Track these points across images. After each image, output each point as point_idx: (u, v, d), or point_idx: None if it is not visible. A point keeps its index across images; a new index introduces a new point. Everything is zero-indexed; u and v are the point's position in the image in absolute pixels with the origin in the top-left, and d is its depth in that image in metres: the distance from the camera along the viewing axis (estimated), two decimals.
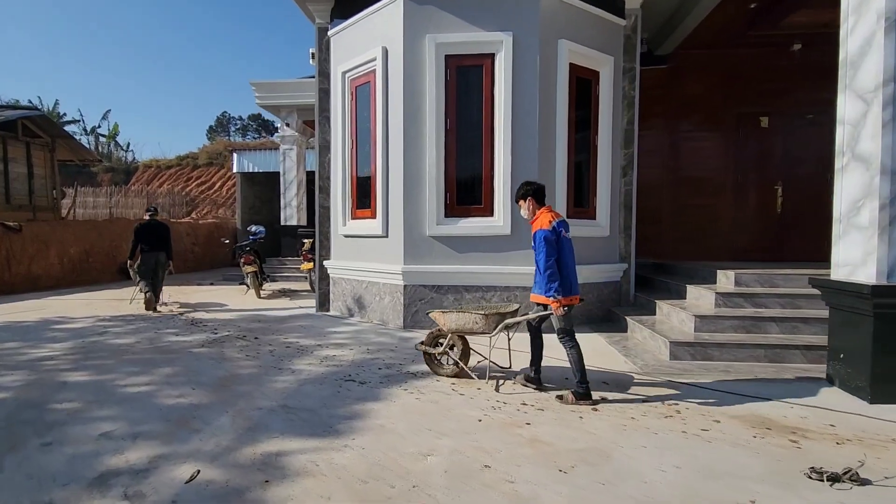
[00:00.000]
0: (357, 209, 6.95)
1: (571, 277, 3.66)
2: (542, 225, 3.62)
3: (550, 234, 3.56)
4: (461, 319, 4.05)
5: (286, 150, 13.30)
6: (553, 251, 3.55)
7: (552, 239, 3.56)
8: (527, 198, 3.86)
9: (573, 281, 3.68)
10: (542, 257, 3.56)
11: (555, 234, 3.59)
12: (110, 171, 35.09)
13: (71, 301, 8.78)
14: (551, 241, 3.55)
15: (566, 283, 3.60)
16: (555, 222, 3.63)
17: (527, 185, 3.90)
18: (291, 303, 8.49)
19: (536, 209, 3.82)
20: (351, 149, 6.98)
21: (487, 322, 3.96)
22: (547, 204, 3.90)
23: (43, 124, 13.12)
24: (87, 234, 12.64)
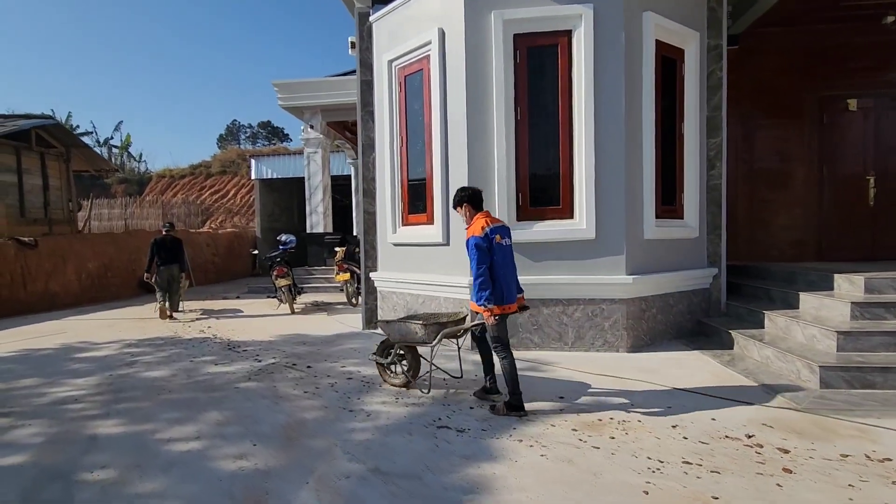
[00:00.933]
0: (409, 214, 6.17)
1: (507, 285, 3.56)
2: (474, 231, 3.54)
3: (482, 241, 3.47)
4: (403, 329, 4.01)
5: (310, 154, 12.60)
6: (484, 258, 3.46)
7: (483, 246, 3.47)
8: (462, 204, 3.78)
9: (509, 288, 3.57)
10: (473, 265, 3.48)
11: (487, 240, 3.49)
12: (124, 183, 34.88)
13: (92, 322, 8.11)
14: (482, 248, 3.46)
15: (500, 292, 3.50)
16: (488, 228, 3.52)
17: (462, 190, 3.84)
18: (331, 319, 7.73)
19: (473, 215, 3.71)
20: (400, 147, 6.21)
21: (427, 332, 3.88)
22: (486, 209, 3.81)
23: (57, 133, 12.55)
24: (106, 247, 12.03)
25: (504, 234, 3.63)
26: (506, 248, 3.61)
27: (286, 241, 9.26)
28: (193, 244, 15.67)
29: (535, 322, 5.30)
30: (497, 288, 3.50)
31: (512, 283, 3.63)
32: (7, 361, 5.47)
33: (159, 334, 6.79)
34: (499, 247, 3.53)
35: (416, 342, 4.02)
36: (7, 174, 11.36)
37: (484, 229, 3.53)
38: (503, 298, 3.54)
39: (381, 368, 4.32)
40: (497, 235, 3.55)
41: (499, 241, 3.54)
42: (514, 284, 3.68)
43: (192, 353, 5.63)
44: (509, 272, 3.61)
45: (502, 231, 3.63)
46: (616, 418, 3.39)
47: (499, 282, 3.51)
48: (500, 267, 3.53)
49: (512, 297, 3.62)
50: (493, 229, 3.55)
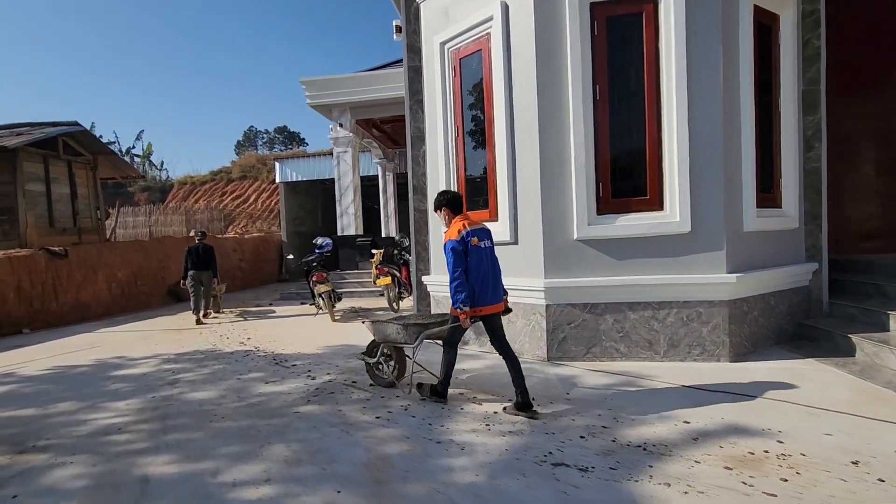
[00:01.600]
0: (469, 211, 5.57)
1: (483, 287, 3.52)
2: (451, 235, 3.55)
3: (458, 245, 3.47)
4: (386, 330, 4.08)
5: (340, 154, 12.13)
6: (460, 261, 3.46)
7: (459, 249, 3.47)
8: (441, 207, 3.79)
9: (484, 291, 3.53)
10: (449, 268, 3.48)
11: (462, 243, 3.48)
12: (146, 190, 35.16)
13: (125, 334, 7.73)
14: (458, 252, 3.47)
15: (475, 294, 3.49)
16: (464, 231, 3.52)
17: (441, 194, 3.84)
18: None
19: (451, 218, 3.70)
20: (456, 137, 5.64)
21: (407, 333, 3.92)
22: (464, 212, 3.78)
23: (84, 141, 12.31)
24: (134, 255, 11.74)
25: (482, 236, 3.61)
26: (484, 251, 3.57)
27: (322, 244, 8.77)
28: (220, 250, 15.35)
29: (621, 329, 4.67)
30: (471, 290, 3.47)
31: (490, 285, 3.57)
32: (42, 381, 5.06)
33: (197, 347, 6.33)
34: (475, 249, 3.51)
35: (398, 343, 4.06)
36: (35, 183, 11.13)
37: (460, 232, 3.51)
38: (476, 300, 3.50)
39: (369, 368, 4.36)
40: (474, 238, 3.53)
41: (476, 244, 3.52)
42: (493, 287, 3.61)
43: (236, 368, 5.14)
44: (487, 275, 3.56)
45: (480, 233, 3.60)
46: (771, 451, 2.75)
47: (472, 285, 3.48)
48: (475, 269, 3.50)
49: (488, 300, 3.55)
50: (470, 232, 3.53)
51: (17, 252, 9.23)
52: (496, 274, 3.67)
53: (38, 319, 9.03)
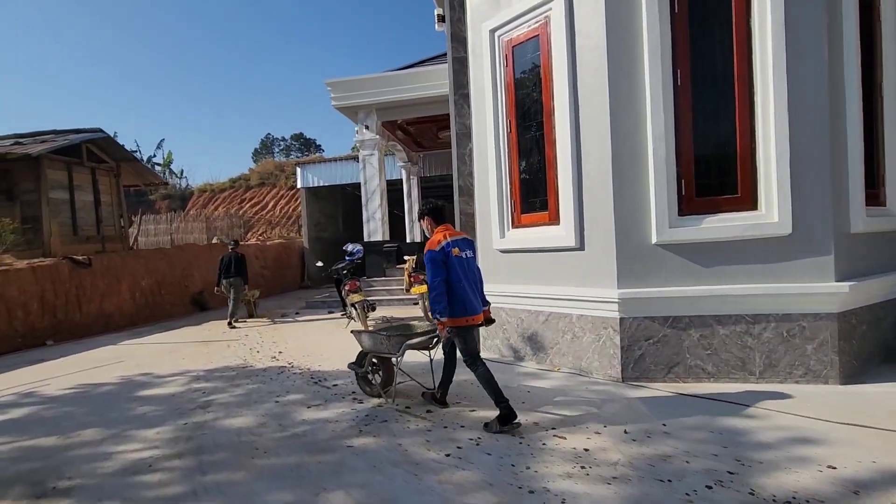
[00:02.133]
0: (523, 213, 5.07)
1: (464, 298, 3.49)
2: (431, 245, 3.55)
3: (437, 255, 3.48)
4: (371, 340, 4.08)
5: (366, 157, 11.72)
6: (439, 271, 3.46)
7: (438, 259, 3.47)
8: (424, 217, 3.79)
9: (465, 301, 3.49)
10: (429, 278, 3.50)
11: (442, 254, 3.48)
12: (167, 198, 35.42)
13: (151, 346, 7.36)
14: (437, 262, 3.47)
15: (455, 304, 3.46)
16: (444, 242, 3.52)
17: (425, 203, 3.85)
18: None
19: (433, 228, 3.71)
20: (509, 133, 5.13)
21: (390, 343, 3.91)
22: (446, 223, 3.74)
23: (107, 147, 12.13)
24: (158, 263, 11.46)
25: (463, 246, 3.61)
26: (465, 261, 3.56)
27: (353, 250, 8.33)
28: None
29: (708, 345, 4.09)
30: (452, 301, 3.45)
31: (471, 295, 3.53)
32: (65, 402, 4.66)
33: (228, 363, 5.90)
34: (456, 260, 3.50)
35: (382, 353, 4.03)
36: (59, 191, 10.93)
37: (440, 243, 3.51)
38: (458, 311, 3.47)
39: (359, 378, 4.30)
40: (455, 248, 3.53)
41: (457, 255, 3.52)
42: (474, 297, 3.57)
43: (272, 389, 4.68)
44: (467, 285, 3.52)
45: (461, 244, 3.61)
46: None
47: (455, 295, 3.46)
48: (456, 280, 3.47)
49: (469, 310, 3.50)
50: (450, 243, 3.53)
51: (40, 262, 8.98)
52: (477, 284, 3.66)
53: (61, 330, 8.75)
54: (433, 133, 13.88)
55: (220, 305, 12.73)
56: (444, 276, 3.46)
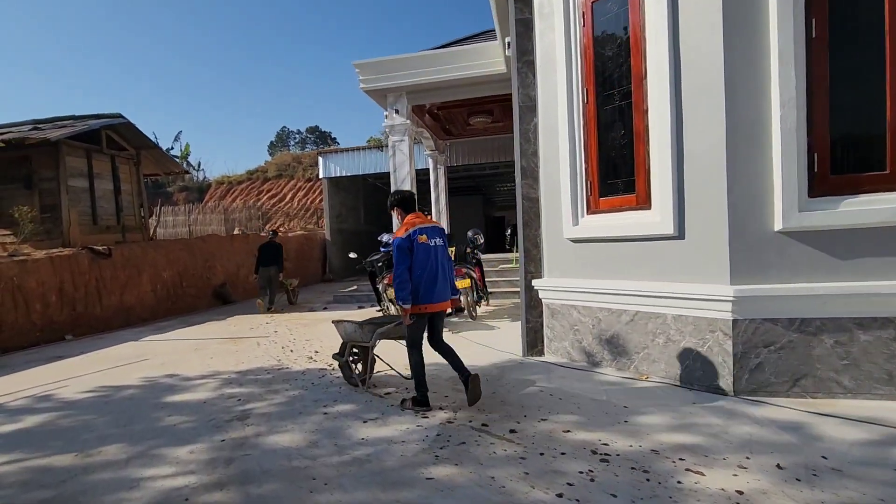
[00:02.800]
0: (602, 196, 4.39)
1: (428, 285, 3.53)
2: (398, 233, 3.63)
3: (403, 242, 3.54)
4: (348, 329, 4.18)
5: (396, 143, 11.07)
6: (403, 259, 3.52)
7: (404, 247, 3.53)
8: (394, 208, 3.86)
9: (429, 289, 3.54)
10: (395, 266, 3.56)
11: (408, 241, 3.54)
12: (185, 190, 35.37)
13: (175, 343, 6.85)
14: (403, 249, 3.53)
15: (417, 291, 3.52)
16: (412, 230, 3.57)
17: (393, 194, 3.91)
18: (461, 338, 6.09)
19: (404, 218, 3.76)
20: (585, 103, 4.44)
21: (363, 331, 4.03)
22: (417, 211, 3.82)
23: (127, 134, 11.67)
24: (179, 254, 11.00)
25: (431, 234, 3.64)
26: (431, 249, 3.59)
27: (388, 240, 7.71)
28: None
29: (846, 354, 3.38)
30: (415, 288, 3.51)
31: (435, 283, 3.57)
32: (84, 409, 4.13)
33: (260, 364, 5.35)
34: (422, 246, 3.55)
35: (358, 342, 4.12)
36: (79, 179, 10.51)
37: (407, 231, 3.56)
38: (420, 298, 3.52)
39: (342, 367, 4.33)
40: (423, 236, 3.58)
41: (423, 241, 3.56)
42: (439, 285, 3.59)
43: (317, 396, 4.09)
44: (435, 273, 3.57)
45: (430, 231, 3.64)
46: None
47: (417, 282, 3.52)
48: (420, 267, 3.53)
49: (434, 298, 3.56)
50: (417, 230, 3.59)
51: (59, 252, 8.54)
52: (445, 272, 3.66)
53: (81, 324, 8.31)
54: (463, 119, 13.18)
55: (243, 298, 12.28)
56: (409, 264, 3.51)
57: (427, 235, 3.59)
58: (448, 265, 3.71)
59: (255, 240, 14.43)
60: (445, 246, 3.71)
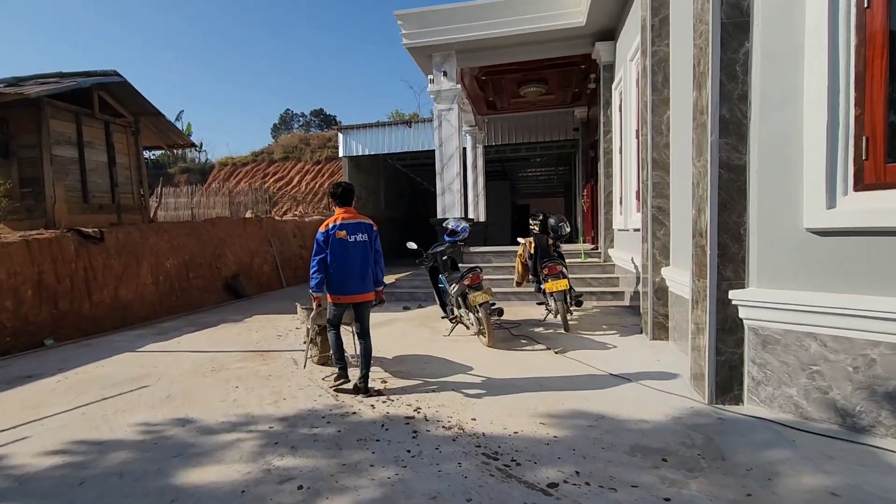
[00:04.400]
0: (892, 161, 2.71)
1: (342, 278, 3.80)
2: (322, 227, 3.85)
3: (321, 236, 3.82)
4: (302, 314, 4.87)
5: (443, 112, 9.33)
6: (319, 251, 3.81)
7: (320, 240, 3.81)
8: (331, 198, 4.03)
9: (343, 282, 3.80)
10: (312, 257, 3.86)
11: (325, 235, 3.80)
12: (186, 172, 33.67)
13: (184, 357, 5.20)
14: (319, 242, 3.82)
15: (334, 283, 3.82)
16: (332, 225, 3.82)
17: (334, 186, 4.02)
18: (574, 362, 4.46)
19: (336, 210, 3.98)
20: (866, 7, 2.73)
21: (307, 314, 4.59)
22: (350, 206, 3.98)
23: (123, 97, 9.92)
24: (185, 240, 9.33)
25: (353, 230, 3.84)
26: (349, 244, 3.80)
27: (457, 227, 6.03)
28: (280, 234, 12.96)
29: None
30: (333, 279, 3.80)
31: (350, 276, 3.80)
32: (42, 497, 2.50)
33: (310, 402, 3.71)
34: (339, 241, 3.78)
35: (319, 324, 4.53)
36: (66, 148, 8.80)
37: (328, 225, 3.83)
38: (333, 289, 3.84)
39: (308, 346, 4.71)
40: (342, 231, 3.79)
41: (341, 237, 3.79)
42: (360, 278, 3.83)
43: (431, 486, 2.45)
44: (352, 266, 3.80)
45: (351, 227, 3.84)
46: None
47: (332, 274, 3.80)
48: (335, 260, 3.78)
49: (349, 290, 3.82)
50: (339, 225, 3.81)
51: (38, 234, 6.88)
52: (365, 266, 3.85)
53: (65, 325, 6.68)
54: (512, 89, 11.41)
55: (257, 292, 10.66)
56: (323, 257, 3.80)
57: (347, 231, 3.80)
58: (369, 260, 3.88)
59: (270, 225, 12.77)
60: (369, 242, 3.90)
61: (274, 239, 12.45)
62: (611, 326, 5.89)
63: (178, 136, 11.47)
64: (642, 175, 5.27)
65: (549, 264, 5.68)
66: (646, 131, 5.11)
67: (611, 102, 8.48)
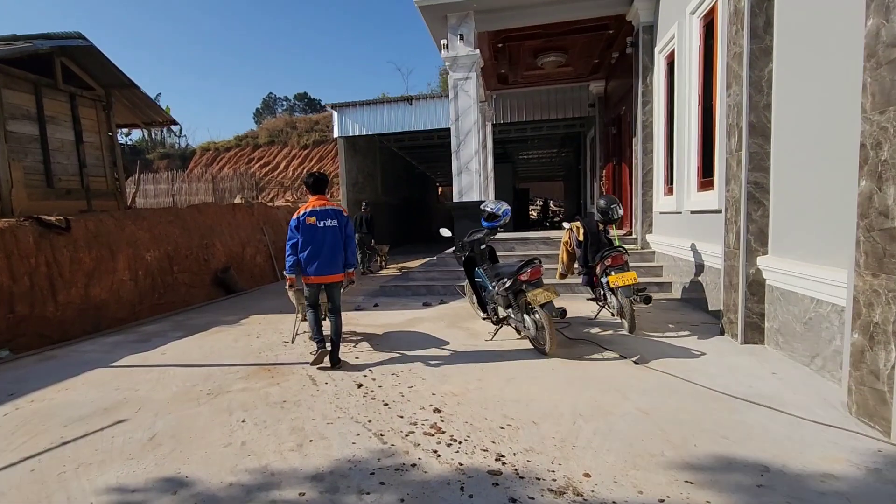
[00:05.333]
0: None
1: (309, 261, 4.06)
2: (296, 213, 4.12)
3: (293, 222, 4.10)
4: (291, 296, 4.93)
5: (460, 82, 8.28)
6: (292, 236, 4.11)
7: (293, 226, 4.10)
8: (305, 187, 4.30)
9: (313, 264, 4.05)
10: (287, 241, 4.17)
11: (297, 221, 4.07)
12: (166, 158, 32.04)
13: (169, 375, 4.17)
14: (292, 228, 4.11)
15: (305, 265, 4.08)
16: (304, 212, 4.08)
17: (308, 176, 4.25)
18: (675, 379, 3.56)
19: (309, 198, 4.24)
20: None
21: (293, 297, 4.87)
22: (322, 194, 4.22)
23: (92, 66, 8.65)
24: (168, 229, 8.20)
25: (322, 216, 4.07)
26: (319, 230, 4.05)
27: (497, 210, 5.04)
28: (272, 222, 11.83)
29: None
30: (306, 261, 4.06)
31: (317, 259, 4.04)
32: None
33: (352, 449, 2.74)
34: (309, 227, 4.04)
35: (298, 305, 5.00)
36: (23, 123, 7.58)
37: (300, 213, 4.09)
38: (304, 271, 4.10)
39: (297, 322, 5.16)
40: (312, 217, 4.04)
41: (311, 223, 4.04)
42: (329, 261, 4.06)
43: None
44: (320, 250, 4.04)
45: (321, 214, 4.07)
46: None
47: (305, 257, 4.06)
48: (306, 244, 4.06)
49: (317, 272, 4.06)
50: (310, 212, 4.06)
51: None
52: (334, 249, 4.08)
53: (24, 333, 5.59)
54: (528, 59, 10.36)
55: (251, 286, 9.59)
56: (295, 241, 4.08)
57: (317, 217, 4.05)
58: (339, 244, 4.11)
59: (262, 211, 11.64)
60: (339, 227, 4.12)
61: (266, 227, 11.33)
62: (677, 325, 5.02)
63: (157, 113, 10.22)
64: (730, 144, 4.35)
65: (613, 253, 4.75)
66: (738, 90, 4.17)
67: (651, 69, 7.52)
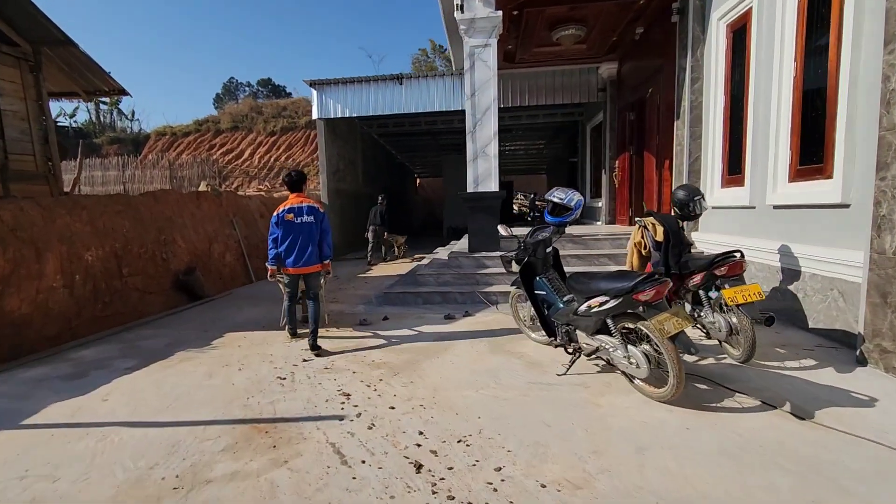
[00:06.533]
0: None
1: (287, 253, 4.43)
2: (276, 210, 4.49)
3: (274, 218, 4.47)
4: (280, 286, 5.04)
5: (477, 51, 6.98)
6: (273, 231, 4.49)
7: (274, 222, 4.47)
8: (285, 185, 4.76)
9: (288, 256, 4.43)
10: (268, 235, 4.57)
11: (277, 217, 4.44)
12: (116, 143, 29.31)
13: (115, 438, 2.74)
14: (273, 224, 4.49)
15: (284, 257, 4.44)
16: (283, 209, 4.43)
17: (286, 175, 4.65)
18: (858, 444, 2.46)
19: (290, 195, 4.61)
20: None
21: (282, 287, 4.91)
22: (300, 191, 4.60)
23: (13, 14, 6.85)
24: (116, 221, 6.56)
25: (300, 212, 4.40)
26: (296, 225, 4.39)
27: (569, 202, 3.82)
28: (244, 213, 10.20)
29: None
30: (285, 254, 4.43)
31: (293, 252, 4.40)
32: None
33: None
34: (287, 223, 4.39)
35: None
36: None
37: (280, 209, 4.44)
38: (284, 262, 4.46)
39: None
40: (290, 214, 4.39)
41: (289, 219, 4.39)
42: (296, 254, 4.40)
43: None
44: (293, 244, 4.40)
45: (298, 210, 4.41)
46: None
47: (283, 250, 4.43)
48: (284, 238, 4.42)
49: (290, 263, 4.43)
50: (288, 209, 4.40)
51: None
52: (310, 243, 4.40)
53: None
54: (544, 30, 9.13)
55: (219, 290, 8.03)
56: (276, 236, 4.46)
57: (294, 214, 4.38)
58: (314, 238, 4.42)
59: (232, 201, 10.00)
60: (315, 222, 4.43)
61: (237, 219, 9.72)
62: (788, 349, 3.96)
63: (101, 79, 8.39)
64: (885, 121, 3.28)
65: (730, 261, 3.61)
66: None
67: (702, 40, 6.47)
